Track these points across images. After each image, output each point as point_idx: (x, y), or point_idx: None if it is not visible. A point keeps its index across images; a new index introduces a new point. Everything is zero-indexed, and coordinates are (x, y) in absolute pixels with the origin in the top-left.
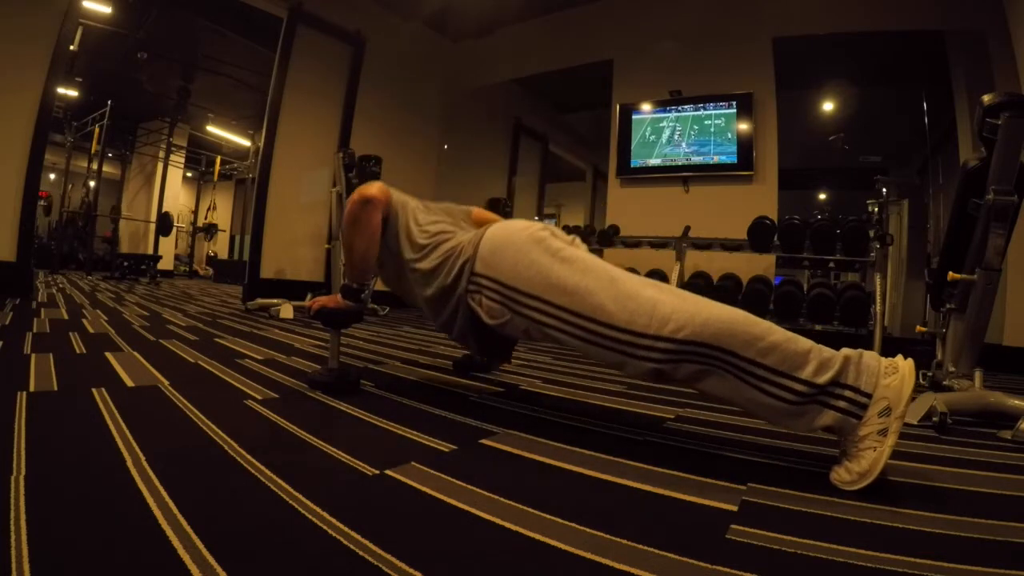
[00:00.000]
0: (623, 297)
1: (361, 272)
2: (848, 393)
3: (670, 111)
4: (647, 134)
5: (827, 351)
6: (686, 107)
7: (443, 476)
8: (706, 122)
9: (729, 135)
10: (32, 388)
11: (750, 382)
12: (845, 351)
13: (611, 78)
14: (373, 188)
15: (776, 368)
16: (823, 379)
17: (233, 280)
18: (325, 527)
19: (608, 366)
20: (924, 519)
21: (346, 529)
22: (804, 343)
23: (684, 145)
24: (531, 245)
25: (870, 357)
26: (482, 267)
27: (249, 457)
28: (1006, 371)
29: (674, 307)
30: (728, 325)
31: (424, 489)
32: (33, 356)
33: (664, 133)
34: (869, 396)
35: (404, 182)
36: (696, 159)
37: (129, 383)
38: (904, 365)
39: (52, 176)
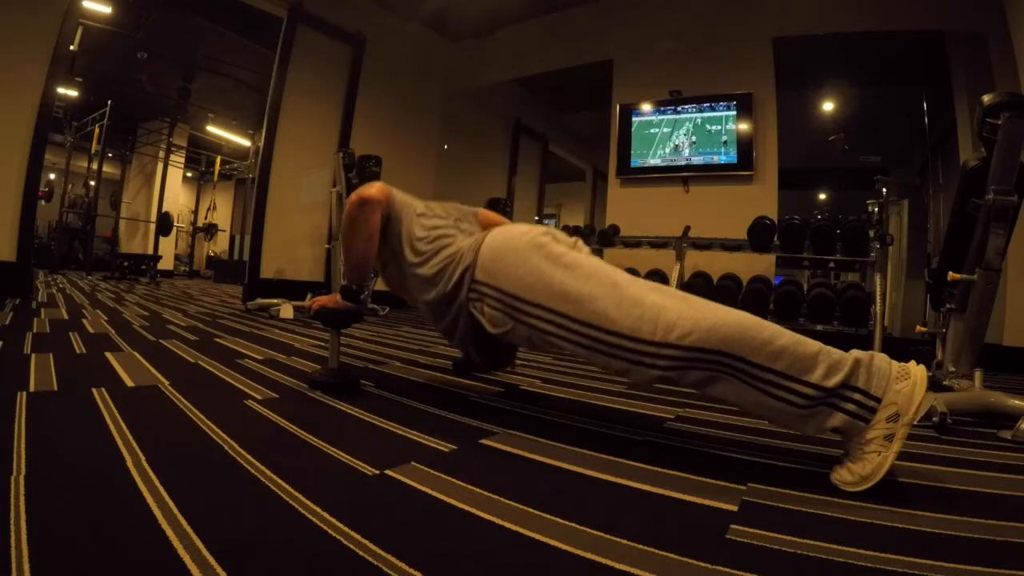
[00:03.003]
0: (627, 303)
1: (360, 273)
2: (857, 396)
3: (670, 111)
4: (647, 134)
5: (836, 353)
6: (686, 107)
7: (443, 476)
8: (706, 122)
9: (729, 135)
10: (32, 388)
11: (759, 387)
12: (856, 353)
13: (611, 78)
14: (372, 189)
15: (785, 372)
16: (832, 382)
17: (233, 280)
18: (325, 527)
19: (613, 373)
20: (924, 519)
21: (346, 529)
22: (812, 346)
23: (684, 145)
24: (532, 251)
25: (881, 360)
26: (483, 275)
27: (249, 457)
28: (1006, 371)
29: (679, 312)
30: (735, 330)
31: (424, 489)
32: (33, 356)
33: (664, 133)
34: (878, 400)
35: (404, 182)
36: (696, 159)
37: (129, 383)
38: (916, 372)
39: (52, 176)
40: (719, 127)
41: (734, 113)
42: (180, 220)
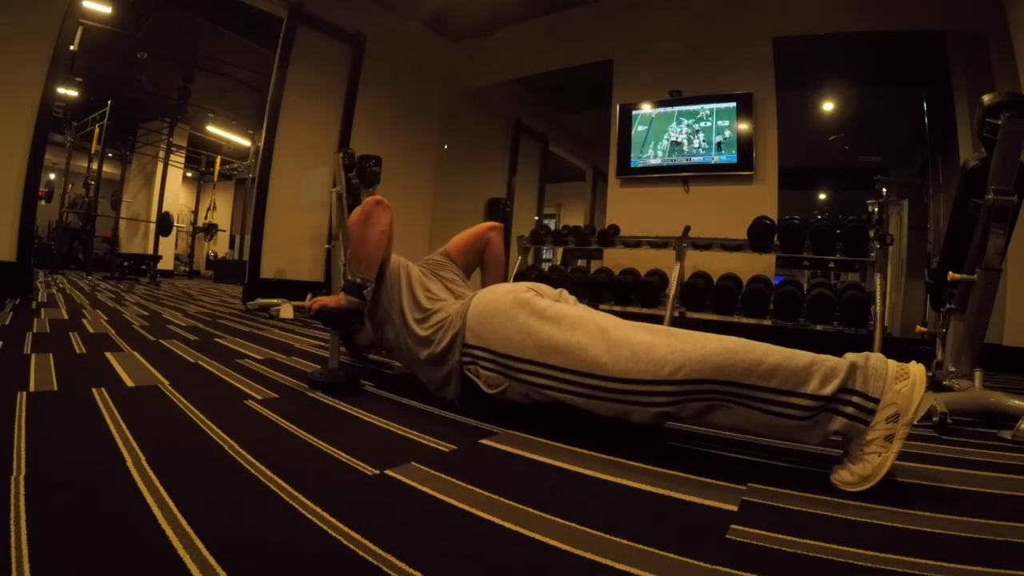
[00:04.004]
0: (616, 346)
1: (367, 265)
2: (856, 399)
3: (670, 111)
4: (647, 134)
5: (830, 360)
6: (686, 107)
7: (443, 476)
8: (706, 122)
9: (729, 135)
10: (32, 388)
11: (758, 407)
12: (850, 357)
13: (611, 78)
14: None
15: (781, 388)
16: (829, 390)
17: (233, 280)
18: (325, 527)
19: (613, 417)
20: (924, 519)
21: (346, 529)
22: (804, 357)
23: (684, 145)
24: (517, 309)
25: (877, 360)
26: (473, 338)
27: (249, 457)
28: (1006, 371)
29: (668, 348)
30: (725, 356)
31: (424, 489)
32: (33, 356)
33: (664, 133)
34: (877, 401)
35: (404, 182)
36: (696, 159)
37: (129, 383)
38: (916, 371)
39: (52, 176)
40: (719, 127)
41: (734, 113)
42: (180, 220)
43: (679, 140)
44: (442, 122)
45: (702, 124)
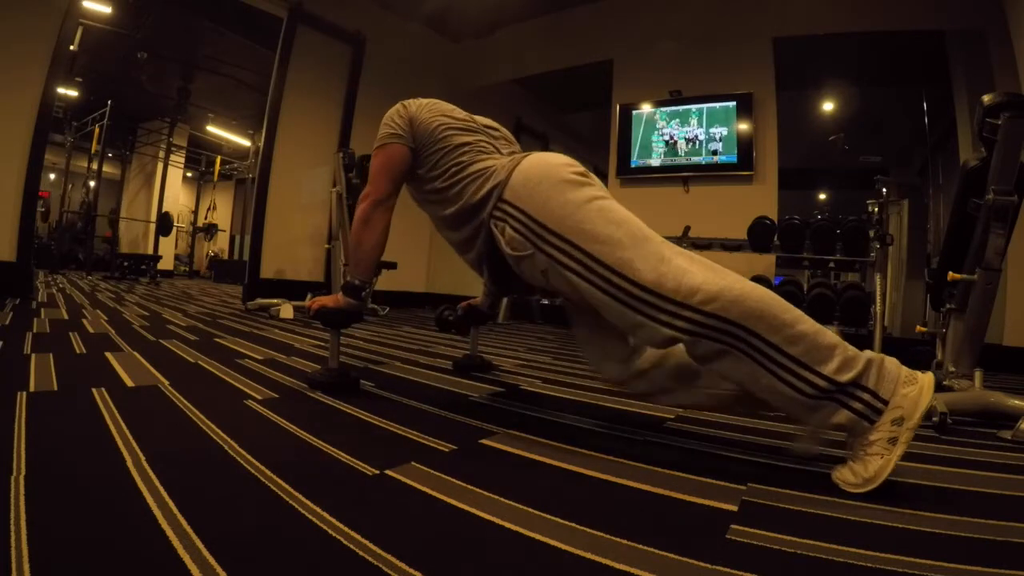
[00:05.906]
0: (653, 258)
1: (365, 268)
2: (866, 396)
3: (670, 111)
4: (647, 134)
5: (852, 349)
6: (686, 107)
7: (443, 476)
8: (706, 122)
9: (729, 135)
10: (32, 388)
11: (770, 369)
12: (868, 353)
13: (611, 78)
14: (383, 185)
15: (800, 359)
16: (845, 378)
17: (233, 280)
18: (325, 527)
19: (624, 326)
20: (924, 519)
21: (346, 529)
22: (831, 337)
23: (684, 145)
24: (567, 185)
25: (892, 363)
26: (511, 196)
27: (249, 457)
28: (1006, 371)
29: (705, 278)
30: (759, 305)
31: (424, 489)
32: (33, 356)
33: (664, 133)
34: (886, 403)
35: None
36: (696, 159)
37: (129, 383)
38: (924, 378)
39: (52, 176)
40: (719, 127)
41: (734, 113)
42: (180, 220)
43: (679, 140)
44: None
45: (702, 124)
